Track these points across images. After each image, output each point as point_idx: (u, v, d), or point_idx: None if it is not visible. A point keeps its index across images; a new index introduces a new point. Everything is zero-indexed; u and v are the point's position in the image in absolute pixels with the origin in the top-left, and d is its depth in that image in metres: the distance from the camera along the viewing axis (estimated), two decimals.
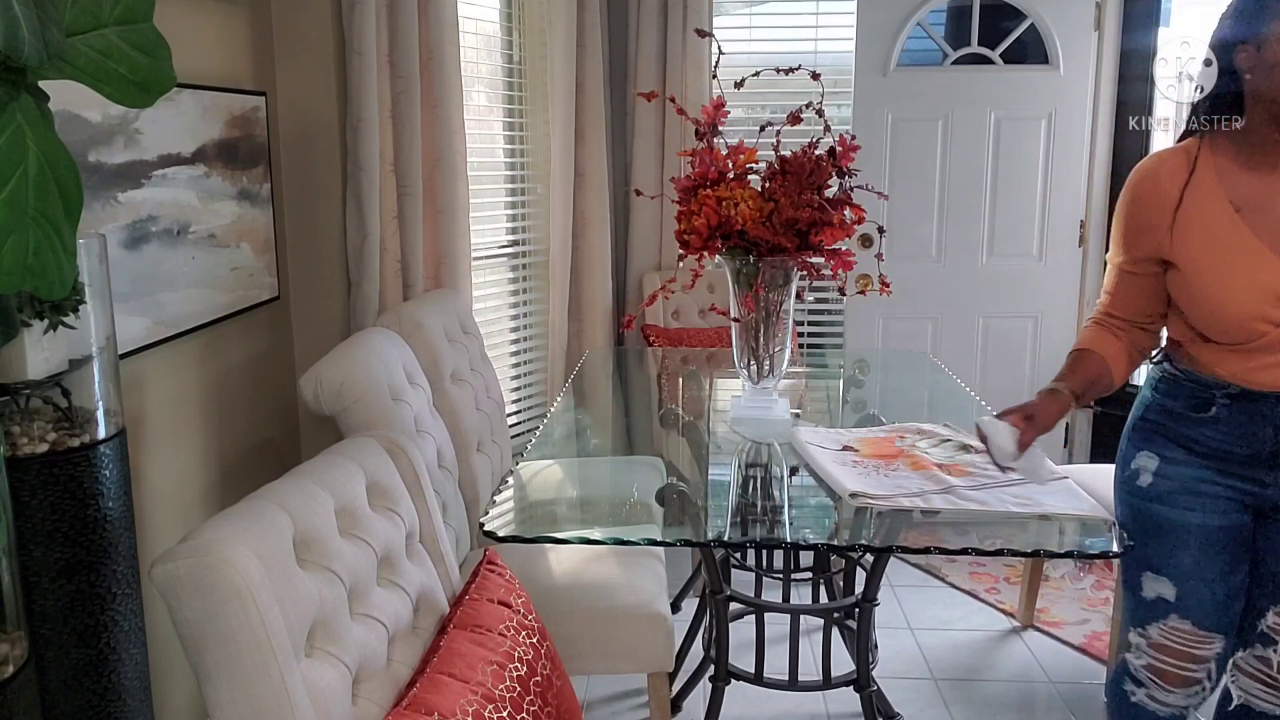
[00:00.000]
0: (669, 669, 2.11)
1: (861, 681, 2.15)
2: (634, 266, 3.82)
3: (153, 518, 2.01)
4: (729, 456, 2.19)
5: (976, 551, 1.63)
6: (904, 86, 3.65)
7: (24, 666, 1.19)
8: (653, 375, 3.13)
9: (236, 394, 2.40)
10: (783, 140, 2.05)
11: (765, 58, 3.78)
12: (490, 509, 1.82)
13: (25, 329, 1.36)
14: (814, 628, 2.91)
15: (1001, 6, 3.58)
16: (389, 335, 2.31)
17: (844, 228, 2.01)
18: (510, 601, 1.59)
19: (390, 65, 2.69)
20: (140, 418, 1.97)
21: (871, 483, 1.78)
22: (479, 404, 2.64)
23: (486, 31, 3.37)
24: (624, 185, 3.79)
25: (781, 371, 2.23)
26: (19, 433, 1.40)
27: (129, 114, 1.87)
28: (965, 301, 3.76)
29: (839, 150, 2.02)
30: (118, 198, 1.85)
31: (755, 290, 2.11)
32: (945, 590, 3.25)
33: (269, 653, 1.15)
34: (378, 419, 2.05)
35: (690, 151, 2.12)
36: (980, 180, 3.68)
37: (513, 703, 1.39)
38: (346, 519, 1.42)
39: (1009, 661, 2.82)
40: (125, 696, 1.52)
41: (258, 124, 2.46)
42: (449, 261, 2.91)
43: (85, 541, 1.44)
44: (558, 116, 3.43)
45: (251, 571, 1.16)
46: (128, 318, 1.88)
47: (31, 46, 0.93)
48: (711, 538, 1.81)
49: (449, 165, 2.85)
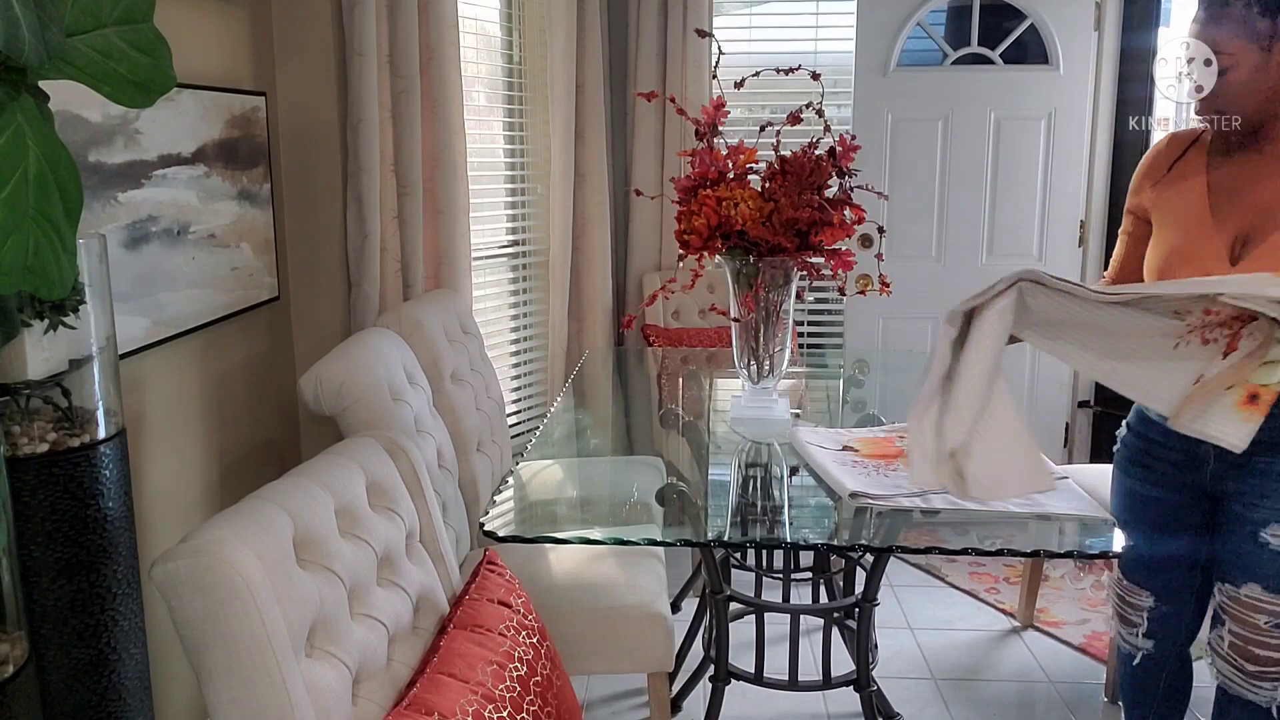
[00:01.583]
0: (669, 669, 2.11)
1: (861, 681, 2.15)
2: (634, 266, 3.82)
3: (153, 518, 2.01)
4: (729, 456, 2.19)
5: (976, 551, 1.63)
6: (904, 86, 3.65)
7: (24, 666, 1.19)
8: (653, 375, 3.13)
9: (236, 394, 2.40)
10: (783, 140, 2.05)
11: (765, 58, 3.78)
12: (490, 509, 1.82)
13: (25, 329, 1.36)
14: (814, 628, 2.91)
15: (1001, 6, 3.58)
16: (389, 335, 2.31)
17: (844, 228, 2.01)
18: (510, 601, 1.59)
19: (390, 65, 2.69)
20: (140, 418, 1.97)
21: (871, 483, 1.78)
22: (479, 404, 2.64)
23: (486, 31, 3.37)
24: (624, 185, 3.79)
25: (781, 371, 2.23)
26: (19, 433, 1.40)
27: (129, 114, 1.87)
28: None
29: (839, 150, 2.02)
30: (118, 198, 1.86)
31: (755, 290, 2.11)
32: (945, 590, 3.25)
33: (269, 653, 1.15)
34: (378, 419, 2.05)
35: (690, 151, 2.12)
36: (980, 180, 3.68)
37: (513, 703, 1.39)
38: (347, 519, 1.43)
39: (1009, 661, 2.82)
40: (125, 696, 1.52)
41: (258, 124, 2.46)
42: (449, 261, 2.91)
43: (85, 541, 1.44)
44: (558, 116, 3.43)
45: (251, 571, 1.16)
46: (128, 318, 1.88)
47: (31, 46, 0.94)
48: (711, 538, 1.81)
49: (449, 165, 2.85)
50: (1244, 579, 1.66)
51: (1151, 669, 1.95)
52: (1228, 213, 1.64)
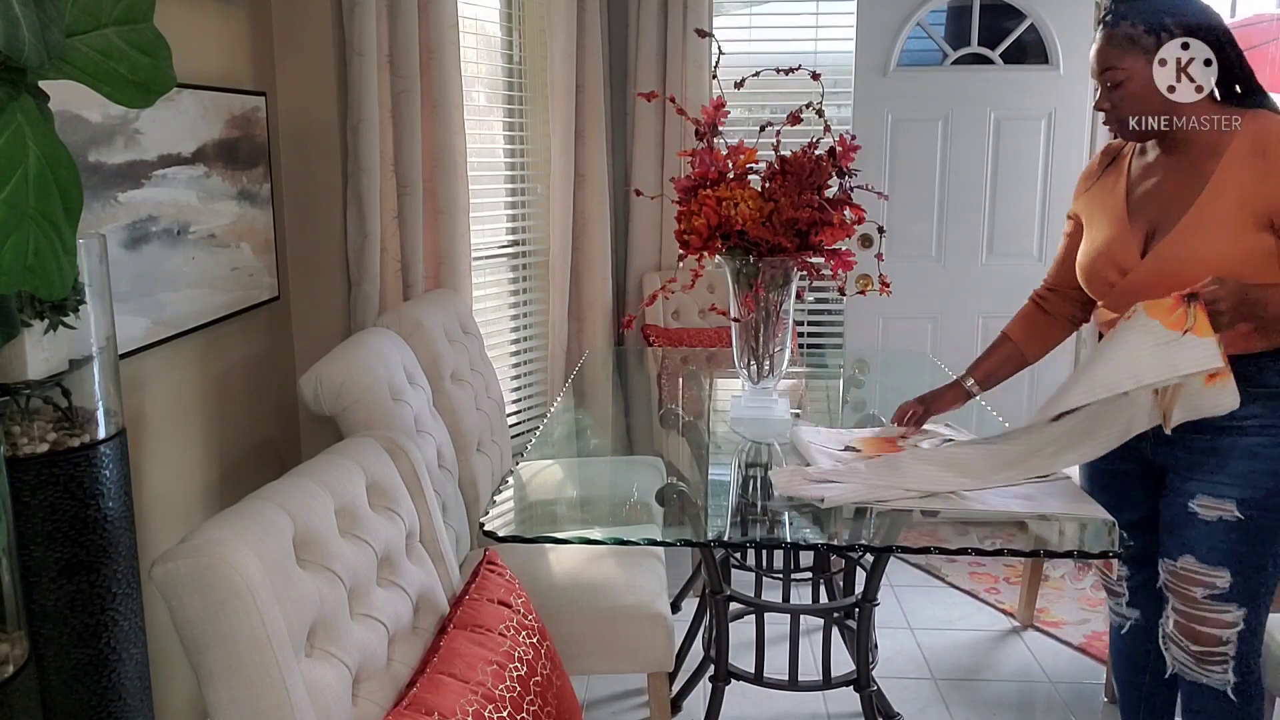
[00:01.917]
0: (669, 669, 2.11)
1: (861, 681, 2.15)
2: (634, 266, 3.82)
3: (153, 518, 2.01)
4: (729, 456, 2.19)
5: (976, 551, 1.63)
6: (904, 86, 3.65)
7: (24, 666, 1.19)
8: (653, 375, 3.13)
9: (236, 394, 2.40)
10: (783, 140, 2.05)
11: (765, 58, 3.78)
12: (490, 509, 1.82)
13: (25, 329, 1.36)
14: (814, 628, 2.91)
15: (1001, 6, 3.58)
16: (389, 335, 2.31)
17: (844, 228, 2.01)
18: (510, 601, 1.59)
19: (390, 65, 2.69)
20: (140, 418, 1.97)
21: (878, 474, 1.79)
22: (479, 404, 2.64)
23: (486, 31, 3.37)
24: (624, 185, 3.79)
25: (781, 371, 2.23)
26: (19, 433, 1.40)
27: (129, 114, 1.87)
28: (965, 301, 3.76)
29: (839, 150, 2.02)
30: (118, 198, 1.85)
31: (755, 290, 2.11)
32: (945, 590, 3.25)
33: (269, 653, 1.15)
34: (378, 419, 2.05)
35: (690, 151, 2.12)
36: (980, 180, 3.68)
37: (513, 703, 1.39)
38: (347, 519, 1.43)
39: (1009, 661, 2.82)
40: (125, 696, 1.52)
41: (258, 124, 2.46)
42: (449, 261, 2.91)
43: (85, 541, 1.44)
44: (558, 116, 3.43)
45: (251, 571, 1.16)
46: (128, 318, 1.88)
47: (32, 47, 0.94)
48: (711, 538, 1.81)
49: (449, 165, 2.85)
50: (1179, 552, 1.74)
51: (1140, 639, 2.00)
52: (1140, 210, 1.78)
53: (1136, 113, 1.71)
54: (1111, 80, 1.70)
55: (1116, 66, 1.69)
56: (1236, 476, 1.68)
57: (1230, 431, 1.68)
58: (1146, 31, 1.67)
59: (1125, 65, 1.69)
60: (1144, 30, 1.67)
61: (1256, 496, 1.66)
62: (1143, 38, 1.67)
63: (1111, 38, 1.69)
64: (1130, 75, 1.69)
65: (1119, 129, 1.76)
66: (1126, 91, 1.70)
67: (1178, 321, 1.53)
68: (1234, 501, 1.67)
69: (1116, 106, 1.73)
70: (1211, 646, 1.72)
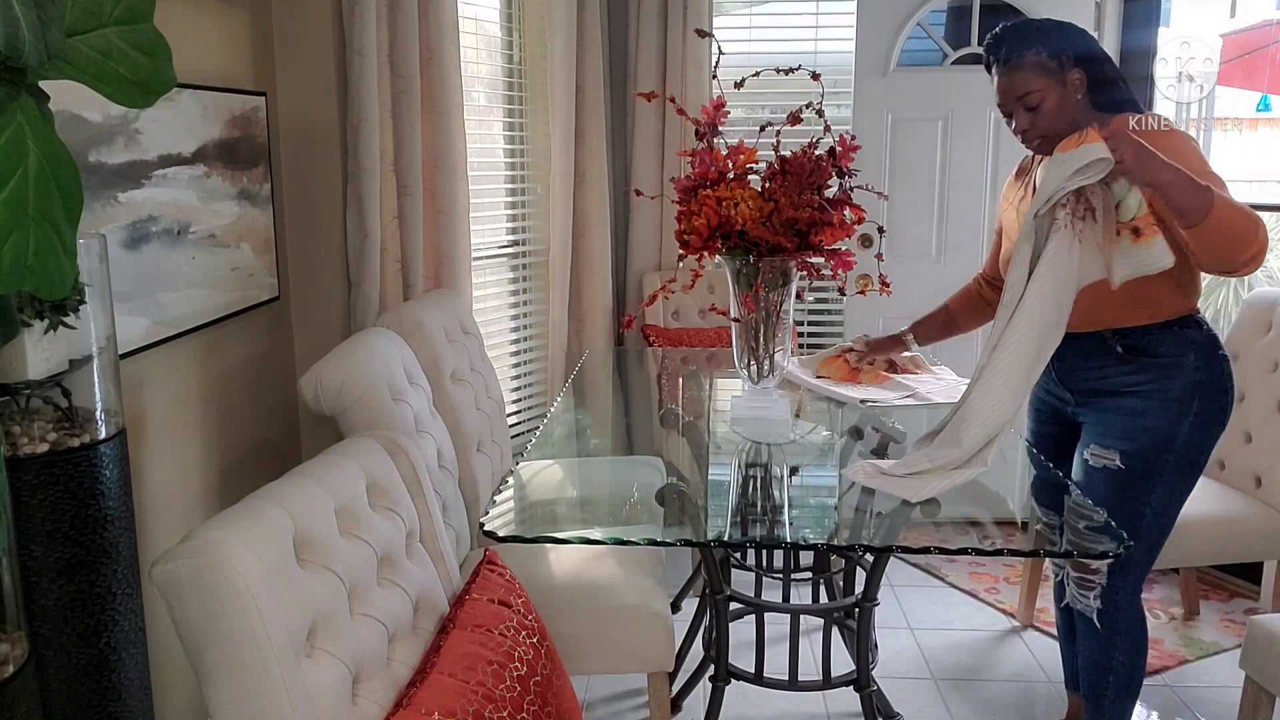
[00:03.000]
0: (669, 669, 2.11)
1: (861, 681, 2.15)
2: (634, 266, 3.82)
3: (153, 518, 2.01)
4: (729, 456, 2.20)
5: (976, 551, 1.64)
6: (904, 86, 3.65)
7: (24, 666, 1.19)
8: (653, 375, 3.13)
9: (236, 394, 2.40)
10: (783, 140, 2.05)
11: (765, 58, 3.78)
12: (490, 509, 1.82)
13: (25, 329, 1.36)
14: (814, 628, 2.92)
15: (1001, 6, 3.58)
16: (389, 335, 2.31)
17: (844, 228, 2.01)
18: (510, 601, 1.59)
19: (390, 65, 2.69)
20: (140, 418, 1.97)
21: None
22: (479, 404, 2.64)
23: (486, 31, 3.37)
24: (624, 185, 3.79)
25: (781, 371, 2.23)
26: (19, 433, 1.40)
27: (129, 114, 1.87)
28: None
29: (839, 150, 2.02)
30: (118, 198, 1.86)
31: (755, 290, 2.10)
32: (945, 590, 3.25)
33: (269, 653, 1.16)
34: (378, 419, 2.05)
35: (690, 151, 2.12)
36: (980, 180, 3.68)
37: (513, 703, 1.39)
38: (346, 519, 1.43)
39: (1009, 661, 2.82)
40: (125, 696, 1.52)
41: (258, 124, 2.46)
42: (449, 261, 2.91)
43: (85, 541, 1.44)
44: (558, 116, 3.43)
45: (251, 571, 1.16)
46: (128, 318, 1.88)
47: (32, 47, 0.94)
48: (711, 538, 1.81)
49: (449, 165, 2.85)
50: (1075, 490, 1.95)
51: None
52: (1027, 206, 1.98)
53: (1053, 128, 1.93)
54: (1032, 103, 1.94)
55: (1033, 90, 1.93)
56: (1123, 431, 1.98)
57: (1125, 394, 1.99)
58: (1050, 56, 1.93)
59: (1039, 88, 1.93)
60: (1048, 56, 1.93)
61: (1136, 449, 1.97)
62: (1048, 62, 1.93)
63: (1021, 66, 1.94)
64: (1045, 95, 1.94)
65: (1041, 144, 1.97)
66: (1045, 110, 1.94)
67: (1072, 142, 1.71)
68: (1118, 453, 1.98)
69: (1035, 125, 1.96)
70: (1087, 574, 2.05)
